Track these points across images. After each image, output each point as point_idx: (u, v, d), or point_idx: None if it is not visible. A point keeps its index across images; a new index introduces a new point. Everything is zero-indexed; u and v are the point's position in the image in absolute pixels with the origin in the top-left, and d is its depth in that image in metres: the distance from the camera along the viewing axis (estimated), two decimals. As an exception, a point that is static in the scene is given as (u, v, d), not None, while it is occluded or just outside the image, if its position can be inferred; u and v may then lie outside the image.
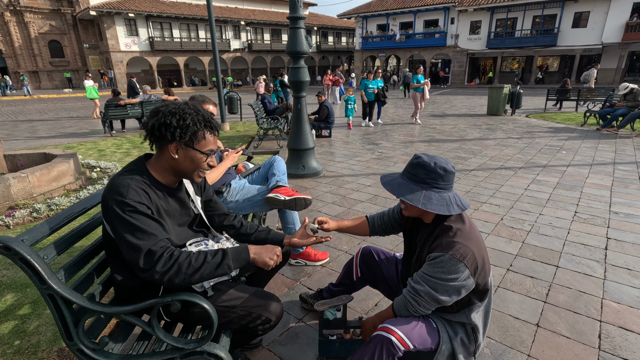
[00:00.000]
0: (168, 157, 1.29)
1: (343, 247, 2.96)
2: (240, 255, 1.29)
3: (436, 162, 1.31)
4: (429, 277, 1.30)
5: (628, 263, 2.63)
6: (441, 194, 1.31)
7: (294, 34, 4.43)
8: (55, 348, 1.88)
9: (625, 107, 8.05)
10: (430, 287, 1.29)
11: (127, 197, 1.17)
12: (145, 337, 1.39)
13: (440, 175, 1.31)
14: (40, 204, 3.83)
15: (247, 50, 34.89)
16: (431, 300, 1.31)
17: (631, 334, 1.92)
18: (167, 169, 1.32)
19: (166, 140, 1.26)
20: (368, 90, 9.71)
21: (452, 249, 1.26)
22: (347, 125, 9.86)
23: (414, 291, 1.34)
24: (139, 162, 1.32)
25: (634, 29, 21.46)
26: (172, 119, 1.24)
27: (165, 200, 1.32)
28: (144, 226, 1.17)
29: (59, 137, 9.02)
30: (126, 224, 1.16)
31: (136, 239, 1.15)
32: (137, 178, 1.24)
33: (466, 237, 1.30)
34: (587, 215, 3.51)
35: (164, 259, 1.16)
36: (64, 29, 30.26)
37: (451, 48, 28.30)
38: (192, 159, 1.30)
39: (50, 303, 1.14)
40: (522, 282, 2.43)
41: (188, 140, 1.26)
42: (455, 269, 1.24)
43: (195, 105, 1.31)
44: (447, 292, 1.28)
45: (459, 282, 1.26)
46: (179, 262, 1.17)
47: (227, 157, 2.44)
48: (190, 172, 1.33)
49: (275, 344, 1.89)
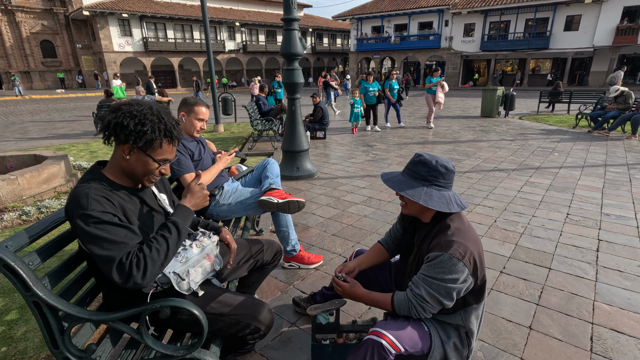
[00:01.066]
0: (120, 157, 1.24)
1: (337, 250, 2.95)
2: (186, 216, 1.30)
3: (437, 160, 1.32)
4: (430, 279, 1.27)
5: (619, 265, 2.65)
6: (441, 192, 1.32)
7: (288, 35, 4.42)
8: (42, 355, 1.84)
9: (616, 110, 8.15)
10: (433, 290, 1.27)
11: (88, 208, 1.11)
12: (133, 344, 1.37)
13: (442, 173, 1.31)
14: (30, 206, 3.77)
15: (242, 52, 34.84)
16: (435, 304, 1.29)
17: (622, 336, 1.94)
18: (119, 169, 1.27)
19: (119, 140, 1.21)
20: (369, 93, 9.08)
21: (451, 248, 1.24)
22: (351, 130, 9.05)
23: (419, 297, 1.30)
24: (94, 170, 1.26)
25: (625, 32, 21.78)
26: (130, 121, 1.18)
27: (130, 201, 1.27)
28: (111, 236, 1.12)
29: (51, 138, 8.91)
30: (92, 237, 1.11)
31: (105, 250, 1.11)
32: (95, 186, 1.18)
33: (465, 236, 1.29)
34: (579, 217, 3.54)
35: (134, 264, 1.12)
36: (56, 29, 29.96)
37: (445, 50, 28.50)
38: (144, 164, 1.24)
39: (35, 310, 1.11)
40: (515, 284, 2.43)
41: (142, 145, 1.21)
42: (455, 269, 1.23)
43: (160, 112, 1.24)
44: (448, 293, 1.26)
45: (459, 284, 1.25)
46: (150, 256, 1.14)
47: (220, 159, 2.42)
48: (140, 176, 1.27)
49: (268, 348, 1.88)
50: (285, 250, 2.59)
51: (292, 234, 2.58)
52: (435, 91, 9.15)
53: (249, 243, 1.74)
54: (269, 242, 1.82)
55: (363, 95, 9.06)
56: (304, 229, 3.37)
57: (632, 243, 2.98)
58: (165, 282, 1.27)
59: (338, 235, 3.22)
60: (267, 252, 1.76)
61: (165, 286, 1.28)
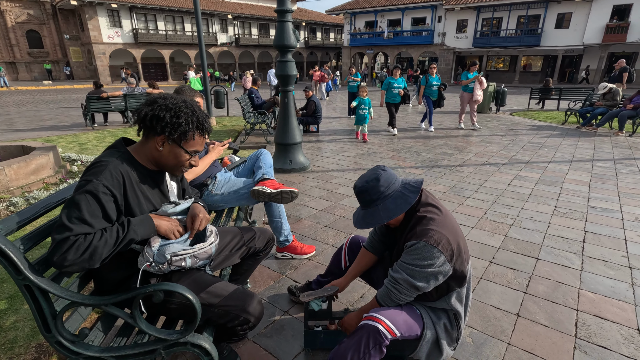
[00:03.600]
0: (152, 147, 1.29)
1: (329, 241, 2.97)
2: (145, 223, 1.23)
3: (367, 180, 1.39)
4: (406, 264, 1.34)
5: (604, 255, 2.73)
6: (393, 196, 1.37)
7: (282, 27, 4.39)
8: (33, 343, 1.83)
9: (604, 107, 8.30)
10: (407, 275, 1.34)
11: (98, 176, 1.15)
12: (127, 329, 1.37)
13: (378, 184, 1.37)
14: (18, 197, 3.71)
15: (234, 45, 34.44)
16: (410, 287, 1.35)
17: (605, 322, 2.00)
18: (148, 157, 1.32)
19: (154, 132, 1.25)
20: (392, 90, 7.68)
21: (426, 236, 1.30)
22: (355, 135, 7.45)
23: (393, 280, 1.38)
24: (119, 145, 1.32)
25: (614, 30, 22.11)
26: (167, 113, 1.23)
27: (146, 181, 1.31)
28: (89, 213, 1.11)
29: (38, 129, 8.73)
30: (75, 201, 1.11)
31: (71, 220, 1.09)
32: (116, 161, 1.21)
33: (440, 224, 1.34)
34: (566, 209, 3.61)
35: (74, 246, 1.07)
36: (43, 19, 29.20)
37: (438, 46, 28.57)
38: (176, 156, 1.30)
39: (27, 294, 1.10)
40: (504, 273, 2.48)
41: (177, 137, 1.26)
42: (431, 255, 1.29)
43: (193, 105, 1.30)
44: (424, 278, 1.32)
45: (435, 268, 1.30)
46: (94, 245, 1.09)
47: (213, 149, 2.41)
48: (171, 167, 1.34)
49: (261, 336, 1.89)
50: (278, 241, 2.60)
51: (285, 224, 2.59)
52: (473, 88, 8.12)
53: (241, 231, 1.75)
54: (261, 230, 1.82)
55: (385, 92, 7.82)
56: (296, 220, 3.38)
57: (617, 234, 3.06)
58: (161, 261, 1.27)
59: (331, 227, 3.24)
60: (259, 239, 1.77)
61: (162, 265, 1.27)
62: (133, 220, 1.21)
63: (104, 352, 1.18)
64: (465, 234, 3.08)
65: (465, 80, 8.13)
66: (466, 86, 8.20)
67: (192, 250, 1.33)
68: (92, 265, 1.11)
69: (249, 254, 1.76)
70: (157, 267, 1.28)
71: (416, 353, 1.43)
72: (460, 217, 3.43)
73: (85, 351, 1.17)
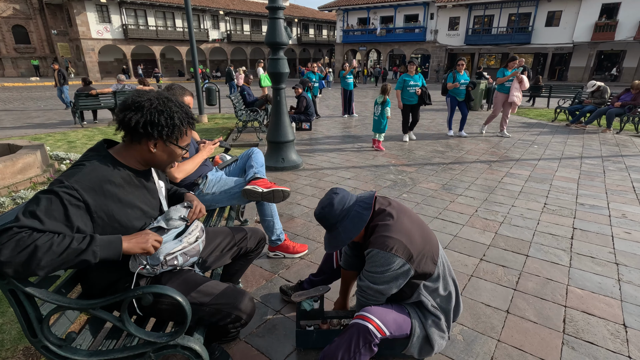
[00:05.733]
0: (143, 150, 1.24)
1: (321, 240, 2.97)
2: (111, 245, 1.11)
3: (322, 207, 1.46)
4: (368, 272, 1.43)
5: (592, 251, 2.77)
6: (350, 216, 1.43)
7: (273, 24, 4.36)
8: (20, 347, 1.80)
9: (592, 104, 8.42)
10: (370, 281, 1.42)
11: (70, 179, 1.08)
12: (115, 332, 1.35)
13: (333, 209, 1.43)
14: (5, 197, 3.64)
15: (226, 41, 34.12)
16: (375, 293, 1.42)
17: (593, 318, 2.03)
18: (137, 159, 1.27)
19: (149, 137, 1.21)
20: (409, 89, 6.44)
21: (378, 244, 1.37)
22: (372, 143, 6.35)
23: (359, 288, 1.48)
24: (100, 147, 1.23)
25: (602, 29, 22.43)
26: (160, 117, 1.19)
27: (132, 182, 1.25)
28: (46, 212, 1.02)
29: (26, 127, 8.57)
30: (38, 199, 1.03)
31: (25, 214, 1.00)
32: (96, 165, 1.15)
33: (392, 230, 1.39)
34: (555, 206, 3.66)
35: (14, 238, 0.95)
36: (29, 14, 28.57)
37: (430, 43, 28.68)
38: (171, 154, 1.28)
39: (11, 299, 1.08)
40: (494, 271, 2.51)
41: (174, 138, 1.24)
42: (385, 261, 1.35)
43: (177, 99, 1.27)
44: (385, 282, 1.39)
45: (393, 272, 1.36)
46: (38, 245, 0.97)
47: (204, 148, 2.38)
48: (165, 165, 1.32)
49: (253, 336, 1.89)
50: (270, 240, 2.59)
51: (277, 223, 2.58)
52: (510, 87, 6.73)
53: (232, 231, 1.73)
54: (252, 230, 1.81)
55: (399, 92, 6.53)
56: (289, 219, 3.37)
57: (604, 231, 3.12)
58: (155, 263, 1.25)
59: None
60: (250, 239, 1.76)
61: (155, 267, 1.26)
62: (99, 238, 1.08)
63: (92, 356, 1.17)
64: (457, 231, 3.11)
65: (502, 77, 6.80)
66: (502, 85, 6.87)
67: (182, 246, 1.32)
68: (28, 270, 0.97)
69: (240, 254, 1.75)
70: (151, 270, 1.27)
71: (408, 349, 1.45)
72: (451, 215, 3.46)
73: (72, 355, 1.15)
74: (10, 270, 0.97)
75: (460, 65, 6.84)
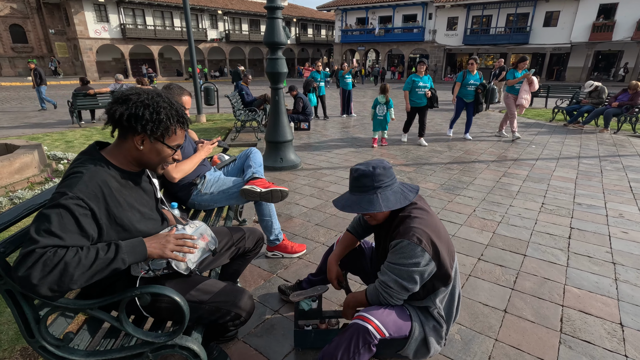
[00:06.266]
0: (131, 147, 1.21)
1: (320, 239, 2.97)
2: (136, 249, 1.13)
3: (374, 166, 1.36)
4: (393, 265, 1.34)
5: (589, 251, 2.78)
6: (392, 189, 1.37)
7: (272, 24, 4.36)
8: (17, 347, 1.79)
9: (590, 104, 8.45)
10: (395, 275, 1.34)
11: (72, 189, 1.05)
12: (113, 332, 1.35)
13: (384, 174, 1.36)
14: (2, 197, 3.62)
15: (224, 41, 34.05)
16: (400, 289, 1.35)
17: (590, 317, 2.04)
18: (128, 159, 1.24)
19: (134, 132, 1.18)
20: (417, 91, 6.18)
21: (409, 234, 1.31)
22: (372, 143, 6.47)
23: (383, 284, 1.38)
24: (92, 151, 1.20)
25: (600, 29, 22.50)
26: (145, 111, 1.16)
27: (127, 185, 1.23)
28: (59, 227, 1.00)
29: (23, 127, 8.53)
30: (45, 215, 1.01)
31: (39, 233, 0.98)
32: (93, 169, 1.12)
33: (422, 223, 1.35)
34: (553, 206, 3.67)
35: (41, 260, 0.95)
36: (26, 13, 28.42)
37: (429, 43, 28.71)
38: (159, 152, 1.24)
39: (8, 299, 1.08)
40: (492, 270, 2.52)
41: (159, 134, 1.20)
42: (415, 253, 1.29)
43: (168, 97, 1.24)
44: (411, 277, 1.32)
45: (421, 267, 1.31)
46: (65, 261, 0.97)
47: (202, 148, 2.38)
48: (154, 164, 1.27)
49: (251, 335, 1.89)
50: (269, 240, 2.59)
51: (275, 223, 2.58)
52: (519, 89, 6.66)
53: (231, 231, 1.73)
54: (250, 230, 1.81)
55: (408, 93, 6.27)
56: (287, 219, 3.37)
57: (601, 230, 3.13)
58: (158, 267, 1.25)
59: (322, 225, 3.24)
60: (248, 239, 1.76)
61: (157, 271, 1.26)
62: (124, 244, 1.10)
63: (89, 357, 1.17)
64: (455, 231, 3.12)
65: (512, 79, 6.74)
66: (512, 87, 6.82)
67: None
68: (63, 288, 0.98)
69: (239, 254, 1.75)
70: (153, 274, 1.27)
71: (404, 350, 1.45)
72: (449, 215, 3.47)
73: (70, 356, 1.15)
74: (45, 291, 0.96)
75: (471, 64, 6.65)
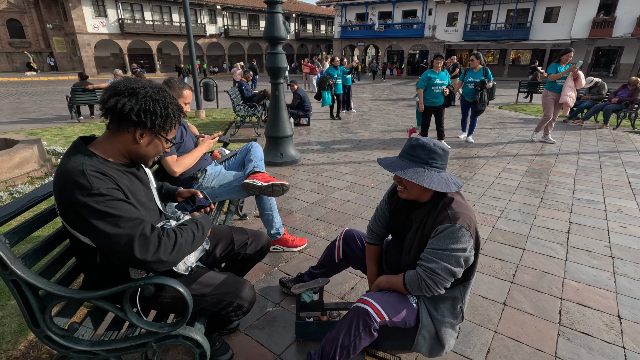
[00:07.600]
0: (127, 140, 1.17)
1: (320, 233, 2.98)
2: (206, 219, 1.34)
3: (435, 143, 1.35)
4: (441, 251, 1.29)
5: (587, 245, 2.80)
6: (440, 173, 1.35)
7: (272, 18, 4.34)
8: (21, 339, 1.81)
9: (590, 100, 8.45)
10: (444, 262, 1.28)
11: (92, 187, 1.02)
12: (117, 323, 1.36)
13: (440, 155, 1.35)
14: (2, 191, 3.62)
15: (223, 36, 33.88)
16: (448, 276, 1.30)
17: (588, 310, 2.06)
18: (121, 152, 1.19)
19: (140, 125, 1.14)
20: (433, 89, 5.55)
21: (460, 219, 1.28)
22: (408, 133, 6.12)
23: (430, 271, 1.30)
24: (78, 146, 1.13)
25: (600, 25, 22.44)
26: (156, 106, 1.14)
27: (124, 177, 1.18)
28: (125, 213, 1.05)
29: (22, 122, 8.51)
30: (105, 216, 1.02)
31: (121, 228, 1.03)
32: (87, 162, 1.07)
33: (468, 209, 1.35)
34: (552, 201, 3.69)
35: (163, 239, 1.09)
36: (24, 7, 28.23)
37: (429, 39, 28.60)
38: (157, 146, 1.23)
39: (14, 289, 1.08)
40: (492, 264, 2.54)
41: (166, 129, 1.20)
42: (464, 239, 1.27)
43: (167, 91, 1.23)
44: (459, 263, 1.29)
45: (467, 253, 1.28)
46: (179, 243, 1.13)
47: (203, 142, 2.39)
48: (149, 158, 1.25)
49: (253, 328, 1.90)
50: (269, 233, 2.60)
51: (276, 217, 2.59)
52: (562, 86, 5.75)
53: (234, 233, 1.68)
54: (255, 235, 1.72)
55: (422, 92, 5.66)
56: (288, 213, 3.38)
57: (600, 225, 3.15)
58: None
59: (322, 220, 3.25)
60: (250, 245, 1.68)
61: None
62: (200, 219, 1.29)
63: (94, 346, 1.18)
64: (454, 225, 3.13)
65: (554, 74, 5.77)
66: (554, 83, 5.84)
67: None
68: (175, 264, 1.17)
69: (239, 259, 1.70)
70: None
71: (415, 346, 1.43)
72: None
73: (75, 345, 1.16)
74: (164, 267, 1.11)
75: (471, 61, 6.14)
